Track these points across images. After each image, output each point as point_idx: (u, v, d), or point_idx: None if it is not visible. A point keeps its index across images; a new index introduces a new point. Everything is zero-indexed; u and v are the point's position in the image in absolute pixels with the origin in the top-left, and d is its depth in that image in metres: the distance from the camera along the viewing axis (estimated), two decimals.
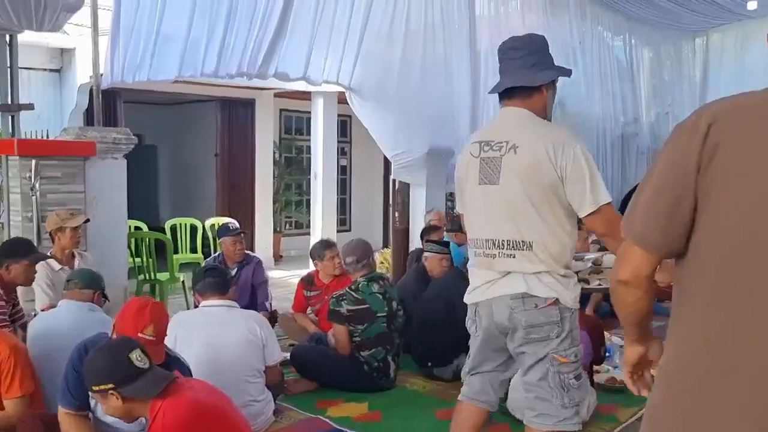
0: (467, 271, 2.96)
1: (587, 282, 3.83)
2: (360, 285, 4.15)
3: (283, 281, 8.89)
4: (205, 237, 8.35)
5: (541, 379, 2.44)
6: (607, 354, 3.99)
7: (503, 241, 2.40)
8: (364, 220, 12.00)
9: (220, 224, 8.54)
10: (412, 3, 7.25)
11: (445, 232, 6.66)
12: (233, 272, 5.33)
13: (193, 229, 8.36)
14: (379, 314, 4.11)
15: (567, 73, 2.56)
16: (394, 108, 7.43)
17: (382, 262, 8.17)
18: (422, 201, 7.71)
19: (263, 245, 9.93)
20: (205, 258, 7.88)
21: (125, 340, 2.44)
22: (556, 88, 2.57)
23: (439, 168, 7.74)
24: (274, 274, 9.38)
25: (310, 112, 9.33)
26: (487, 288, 2.48)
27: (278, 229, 10.46)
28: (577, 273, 3.66)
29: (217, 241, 5.58)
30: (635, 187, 4.68)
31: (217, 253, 5.46)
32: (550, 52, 2.54)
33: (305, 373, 4.10)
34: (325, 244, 5.17)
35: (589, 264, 4.10)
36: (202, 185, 10.35)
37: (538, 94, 2.46)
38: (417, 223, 7.63)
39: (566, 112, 9.59)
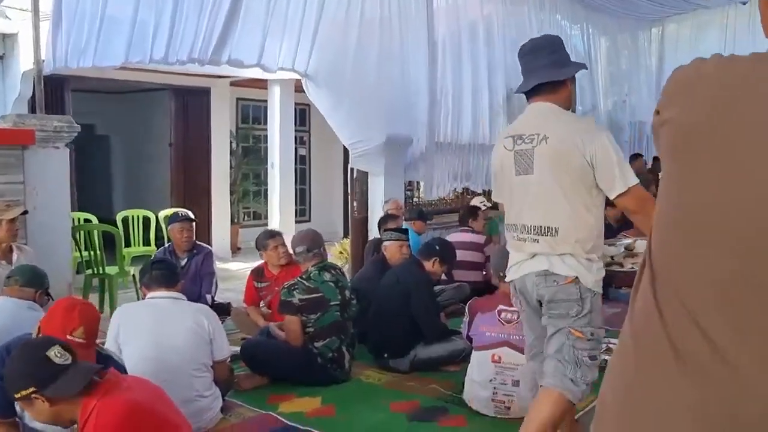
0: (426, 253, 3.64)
1: (621, 265, 3.95)
2: (311, 274, 4.05)
3: (241, 273, 8.70)
4: (159, 229, 8.12)
5: (558, 351, 2.60)
6: None
7: (532, 226, 2.62)
8: (323, 210, 11.87)
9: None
10: None
11: (404, 221, 6.59)
12: (183, 262, 5.19)
13: (146, 221, 8.14)
14: (332, 303, 4.02)
15: (583, 67, 2.80)
16: (350, 96, 7.32)
17: (341, 252, 8.07)
18: (381, 190, 7.62)
19: (220, 237, 9.75)
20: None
21: (42, 338, 2.30)
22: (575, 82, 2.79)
23: (398, 157, 7.66)
24: (231, 266, 9.23)
25: (267, 101, 9.16)
26: (518, 267, 2.72)
27: (236, 221, 10.27)
28: (612, 257, 3.64)
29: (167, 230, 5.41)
30: None
31: (167, 244, 5.29)
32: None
33: (256, 368, 3.98)
34: (268, 234, 5.08)
35: (622, 249, 4.25)
36: (156, 176, 10.10)
37: (563, 88, 2.67)
38: (376, 213, 7.54)
39: (523, 98, 9.58)
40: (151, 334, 3.11)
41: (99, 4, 5.20)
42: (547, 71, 2.63)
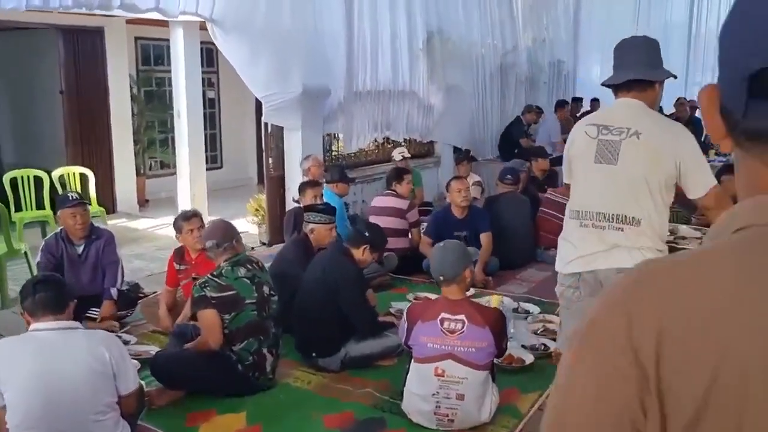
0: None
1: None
2: (224, 270, 3.62)
3: (150, 234, 8.13)
4: (53, 190, 7.36)
5: None
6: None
7: (614, 215, 2.70)
8: (236, 156, 11.24)
9: (70, 174, 7.67)
10: None
11: (325, 184, 6.16)
12: (80, 249, 4.63)
13: (38, 181, 7.33)
14: (248, 301, 3.61)
15: (672, 75, 2.84)
16: (263, 44, 6.70)
17: (257, 209, 7.58)
18: (298, 145, 7.12)
19: (126, 190, 9.05)
20: (54, 215, 6.97)
21: None
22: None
23: (315, 109, 7.15)
24: (138, 224, 8.59)
25: (169, 41, 8.32)
26: (592, 259, 2.75)
27: (141, 172, 9.53)
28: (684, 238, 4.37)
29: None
30: (515, 119, 6.51)
31: (59, 229, 4.68)
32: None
33: (171, 384, 3.55)
34: (183, 216, 4.60)
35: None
36: (46, 128, 9.14)
37: (651, 89, 2.76)
38: (293, 170, 7.07)
39: (445, 39, 9.17)
40: (37, 376, 2.61)
41: None
42: (643, 69, 2.73)
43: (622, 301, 0.70)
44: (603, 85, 2.90)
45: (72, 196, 4.61)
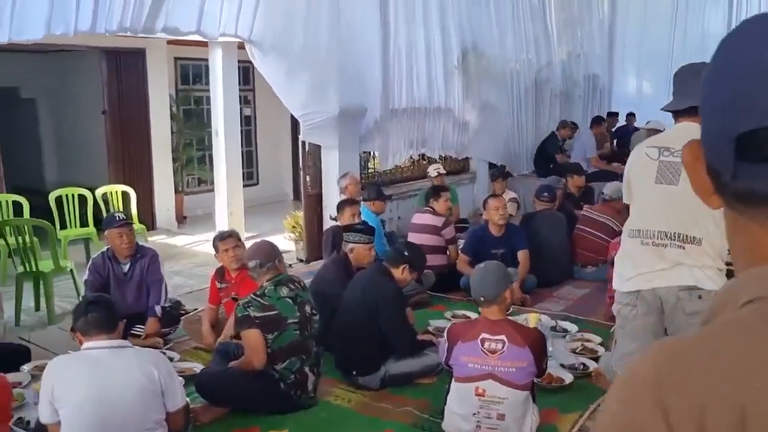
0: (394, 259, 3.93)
1: None
2: (266, 290, 3.67)
3: (188, 250, 8.27)
4: (96, 208, 7.54)
5: None
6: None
7: (676, 233, 2.78)
8: (272, 172, 11.38)
9: (113, 192, 7.85)
10: None
11: (362, 202, 6.22)
12: (126, 268, 4.74)
13: (82, 199, 7.53)
14: (290, 320, 3.66)
15: None
16: (300, 64, 6.80)
17: (294, 226, 7.66)
18: (335, 164, 7.20)
19: (165, 207, 9.22)
20: (98, 232, 7.14)
21: None
22: None
23: (352, 128, 7.23)
24: (177, 240, 8.74)
25: (208, 59, 8.49)
26: (654, 277, 2.81)
27: (180, 189, 9.70)
28: None
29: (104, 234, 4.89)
30: (550, 134, 6.40)
31: (106, 248, 4.80)
32: None
33: (216, 402, 3.61)
34: (219, 236, 4.66)
35: None
36: (90, 147, 9.38)
37: None
38: (330, 188, 7.14)
39: (479, 55, 9.21)
40: (92, 394, 2.70)
41: None
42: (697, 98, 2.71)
43: (649, 391, 0.62)
44: (663, 110, 2.97)
45: (118, 216, 4.73)
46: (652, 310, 2.86)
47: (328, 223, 6.57)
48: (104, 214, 7.45)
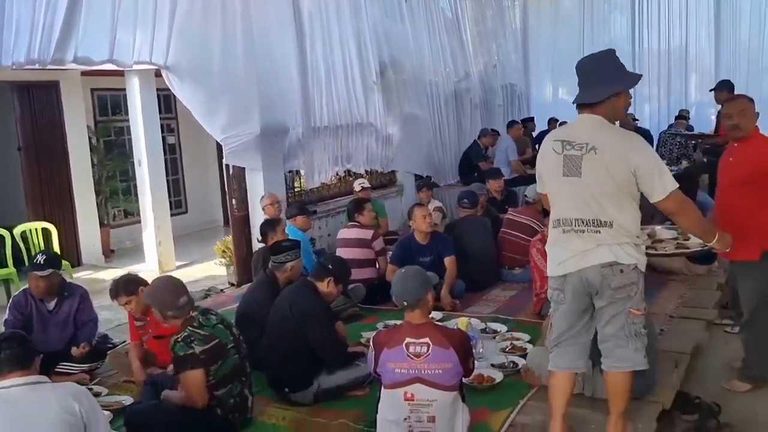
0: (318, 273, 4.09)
1: (655, 249, 4.39)
2: (200, 320, 3.57)
3: None
4: (15, 247, 7.30)
5: (619, 329, 3.09)
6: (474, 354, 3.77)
7: (589, 219, 3.02)
8: (201, 199, 11.26)
9: (32, 229, 7.62)
10: None
11: (286, 221, 6.23)
12: (51, 306, 4.60)
13: (0, 239, 7.28)
14: (229, 346, 3.59)
15: (631, 81, 3.21)
16: (218, 88, 6.80)
17: (224, 251, 7.59)
18: (260, 184, 7.20)
19: (90, 242, 8.99)
20: (18, 272, 6.92)
21: None
22: (629, 94, 3.27)
23: (275, 149, 7.26)
24: (106, 275, 8.50)
25: (125, 89, 8.36)
26: (579, 260, 3.05)
27: (105, 222, 9.48)
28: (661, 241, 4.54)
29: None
30: (473, 143, 7.29)
31: (26, 286, 4.65)
32: (619, 63, 3.17)
33: None
34: (110, 293, 4.43)
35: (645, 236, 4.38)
36: (6, 185, 9.05)
37: (610, 101, 3.06)
38: (257, 210, 7.12)
39: (398, 69, 9.36)
40: None
41: None
42: (590, 91, 3.08)
43: None
44: (573, 102, 3.18)
45: (36, 260, 4.53)
46: (578, 293, 3.09)
47: (257, 245, 6.55)
48: (24, 253, 7.24)
